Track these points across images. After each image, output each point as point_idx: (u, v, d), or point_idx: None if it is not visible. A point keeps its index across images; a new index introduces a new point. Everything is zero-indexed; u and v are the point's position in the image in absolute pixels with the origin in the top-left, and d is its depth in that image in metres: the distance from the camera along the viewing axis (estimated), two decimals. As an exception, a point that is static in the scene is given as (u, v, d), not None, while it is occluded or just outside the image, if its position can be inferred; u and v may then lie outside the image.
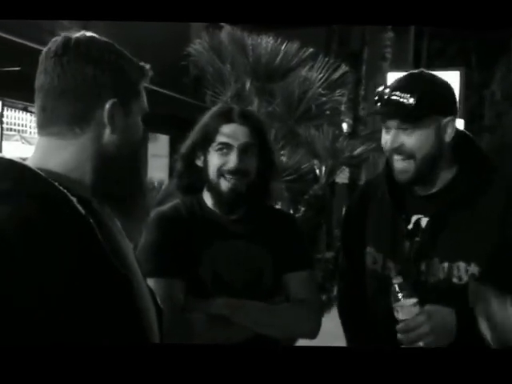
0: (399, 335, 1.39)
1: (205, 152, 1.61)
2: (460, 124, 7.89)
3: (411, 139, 1.48)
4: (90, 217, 0.98)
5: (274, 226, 1.68)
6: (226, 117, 1.60)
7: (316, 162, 3.80)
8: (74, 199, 0.97)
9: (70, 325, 0.90)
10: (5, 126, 6.45)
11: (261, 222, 1.67)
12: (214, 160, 1.58)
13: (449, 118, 1.50)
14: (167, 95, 7.14)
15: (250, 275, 1.62)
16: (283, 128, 3.67)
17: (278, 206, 4.74)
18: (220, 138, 1.58)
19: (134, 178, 1.09)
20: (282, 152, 3.78)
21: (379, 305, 1.56)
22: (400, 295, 1.40)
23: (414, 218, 1.55)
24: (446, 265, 1.48)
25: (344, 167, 4.46)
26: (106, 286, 0.96)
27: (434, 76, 1.56)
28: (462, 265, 1.47)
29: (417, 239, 1.53)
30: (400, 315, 1.40)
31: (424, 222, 1.54)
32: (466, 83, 7.59)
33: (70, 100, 1.00)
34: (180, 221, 1.62)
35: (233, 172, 1.57)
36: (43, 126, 1.03)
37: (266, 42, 3.18)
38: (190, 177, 1.66)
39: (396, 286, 1.41)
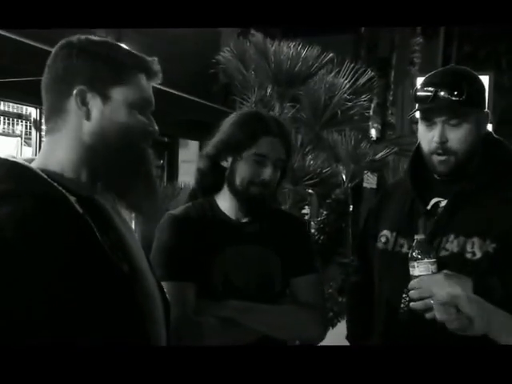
0: (411, 292, 1.37)
1: (236, 156, 1.63)
2: (489, 128, 7.79)
3: (458, 134, 1.51)
4: (88, 216, 1.00)
5: (283, 229, 1.71)
6: (265, 128, 1.63)
7: (340, 166, 3.81)
8: (73, 199, 1.00)
9: (67, 323, 0.91)
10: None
11: (270, 225, 1.70)
12: (247, 168, 1.61)
13: (486, 111, 1.56)
14: (197, 102, 7.24)
15: (260, 279, 1.65)
16: (310, 133, 3.69)
17: (305, 210, 4.75)
18: (258, 150, 1.61)
19: (133, 172, 1.07)
20: (309, 157, 3.80)
21: (388, 288, 1.58)
22: (419, 251, 1.37)
23: (433, 201, 1.58)
24: (460, 239, 1.49)
25: (369, 172, 4.45)
26: (104, 284, 0.98)
27: (471, 71, 1.60)
28: (476, 240, 1.47)
29: (434, 218, 1.55)
30: (416, 271, 1.37)
31: (443, 203, 1.56)
32: (495, 87, 7.49)
33: (48, 92, 1.05)
34: (191, 223, 1.65)
35: (264, 183, 1.61)
36: (45, 125, 1.07)
37: (288, 47, 3.21)
38: (213, 177, 1.69)
39: (416, 241, 1.39)
